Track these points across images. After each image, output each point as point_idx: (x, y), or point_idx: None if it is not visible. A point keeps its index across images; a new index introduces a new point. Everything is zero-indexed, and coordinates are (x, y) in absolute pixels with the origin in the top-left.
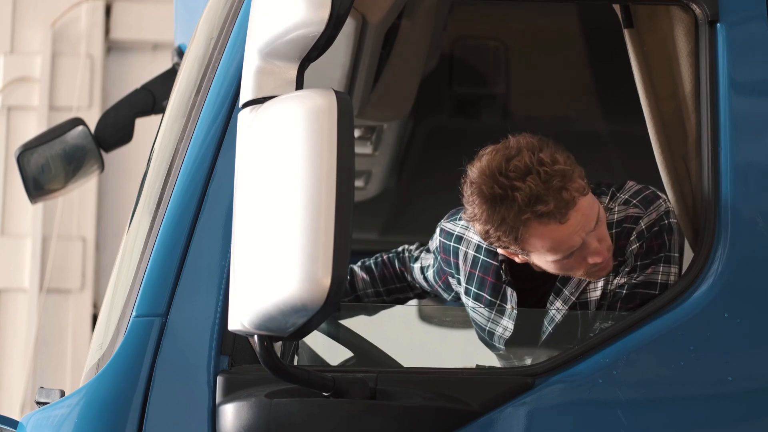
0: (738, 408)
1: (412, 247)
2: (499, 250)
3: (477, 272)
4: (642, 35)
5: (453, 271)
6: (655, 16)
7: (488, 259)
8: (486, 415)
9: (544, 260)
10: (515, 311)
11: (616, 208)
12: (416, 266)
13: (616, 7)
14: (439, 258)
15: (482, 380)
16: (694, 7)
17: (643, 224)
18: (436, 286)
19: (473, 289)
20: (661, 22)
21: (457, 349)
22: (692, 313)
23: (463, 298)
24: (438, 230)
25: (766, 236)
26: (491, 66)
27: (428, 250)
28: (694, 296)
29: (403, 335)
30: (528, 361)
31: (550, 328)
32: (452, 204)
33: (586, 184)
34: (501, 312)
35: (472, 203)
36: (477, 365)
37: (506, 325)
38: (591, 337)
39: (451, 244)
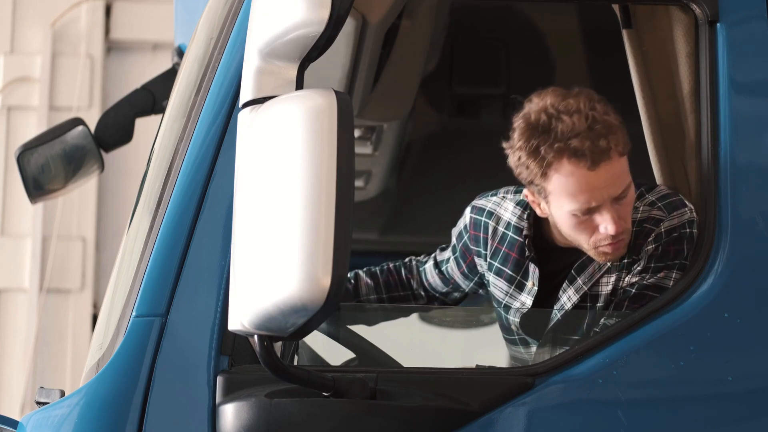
0: (738, 408)
1: (420, 257)
2: (524, 192)
3: (503, 248)
4: (641, 36)
5: (480, 248)
6: (655, 17)
7: (515, 236)
8: (486, 415)
9: (560, 209)
10: (535, 287)
11: (641, 208)
12: (428, 266)
13: (616, 8)
14: (466, 237)
15: (482, 380)
16: (694, 7)
17: (662, 227)
18: (456, 275)
19: (496, 263)
20: (660, 22)
21: (457, 349)
22: (692, 313)
23: (486, 274)
24: (468, 209)
25: (766, 236)
26: (491, 66)
27: (442, 249)
28: (694, 296)
29: (403, 335)
30: (533, 348)
31: (558, 316)
32: (452, 204)
33: (627, 152)
34: (520, 288)
35: (515, 129)
36: (477, 365)
37: (524, 301)
38: (591, 337)
39: (482, 219)
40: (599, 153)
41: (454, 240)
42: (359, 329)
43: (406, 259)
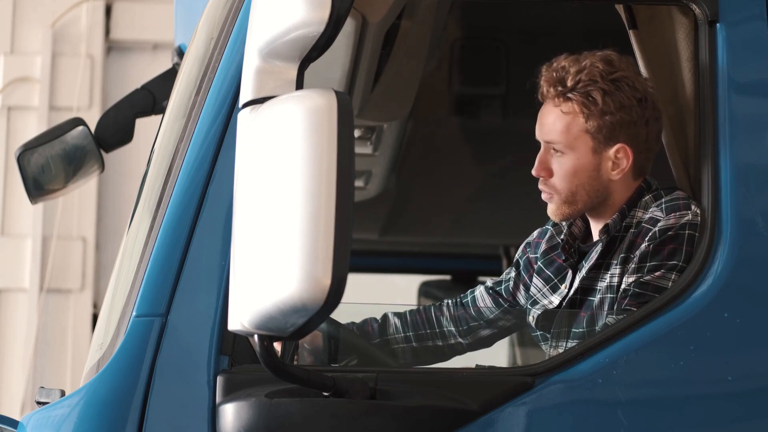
0: (738, 408)
1: (456, 298)
2: None
3: (552, 253)
4: (642, 37)
5: (537, 255)
6: (655, 18)
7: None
8: (486, 415)
9: None
10: (566, 290)
11: (651, 209)
12: (477, 292)
13: (620, 9)
14: (532, 247)
15: (482, 380)
16: (694, 7)
17: (657, 226)
18: (519, 289)
19: (540, 263)
20: (661, 23)
21: None
22: (692, 313)
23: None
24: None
25: (766, 236)
26: (491, 66)
27: (494, 279)
28: (694, 296)
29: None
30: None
31: (563, 308)
32: (452, 204)
33: (588, 125)
34: (554, 289)
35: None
36: (477, 365)
37: (552, 300)
38: (591, 337)
39: (548, 227)
40: (546, 88)
41: (517, 256)
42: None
43: (438, 303)
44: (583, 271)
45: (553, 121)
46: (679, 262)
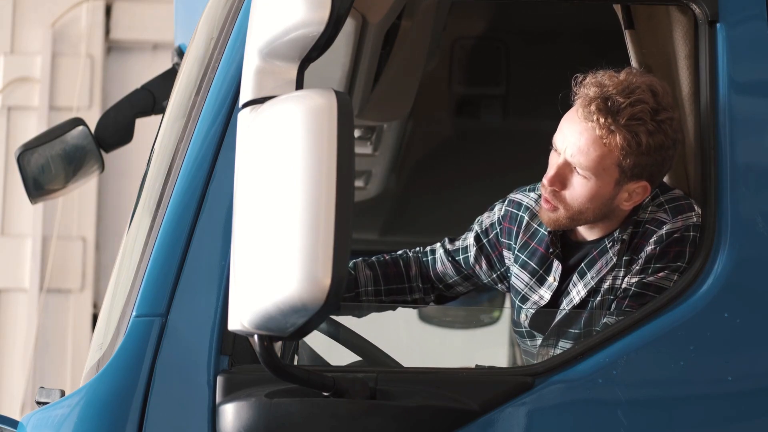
0: (738, 408)
1: (418, 249)
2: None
3: (533, 243)
4: (641, 37)
5: (511, 242)
6: (655, 18)
7: (545, 232)
8: (486, 415)
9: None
10: (555, 282)
11: (650, 209)
12: (438, 255)
13: (617, 8)
14: (498, 229)
15: (482, 380)
16: (694, 7)
17: (664, 229)
18: (479, 266)
19: (522, 256)
20: (660, 23)
21: (457, 349)
22: (692, 313)
23: (512, 266)
24: (504, 202)
25: (766, 236)
26: (491, 66)
27: (451, 240)
28: (694, 296)
29: (403, 335)
30: (538, 341)
31: (566, 310)
32: (452, 204)
33: (623, 153)
34: (541, 282)
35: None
36: (477, 365)
37: (542, 294)
38: (591, 337)
39: (519, 213)
40: (594, 114)
41: (478, 230)
42: (359, 328)
43: (401, 252)
44: (593, 281)
45: (588, 146)
46: (682, 263)
